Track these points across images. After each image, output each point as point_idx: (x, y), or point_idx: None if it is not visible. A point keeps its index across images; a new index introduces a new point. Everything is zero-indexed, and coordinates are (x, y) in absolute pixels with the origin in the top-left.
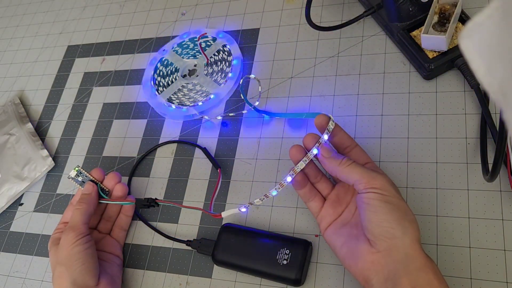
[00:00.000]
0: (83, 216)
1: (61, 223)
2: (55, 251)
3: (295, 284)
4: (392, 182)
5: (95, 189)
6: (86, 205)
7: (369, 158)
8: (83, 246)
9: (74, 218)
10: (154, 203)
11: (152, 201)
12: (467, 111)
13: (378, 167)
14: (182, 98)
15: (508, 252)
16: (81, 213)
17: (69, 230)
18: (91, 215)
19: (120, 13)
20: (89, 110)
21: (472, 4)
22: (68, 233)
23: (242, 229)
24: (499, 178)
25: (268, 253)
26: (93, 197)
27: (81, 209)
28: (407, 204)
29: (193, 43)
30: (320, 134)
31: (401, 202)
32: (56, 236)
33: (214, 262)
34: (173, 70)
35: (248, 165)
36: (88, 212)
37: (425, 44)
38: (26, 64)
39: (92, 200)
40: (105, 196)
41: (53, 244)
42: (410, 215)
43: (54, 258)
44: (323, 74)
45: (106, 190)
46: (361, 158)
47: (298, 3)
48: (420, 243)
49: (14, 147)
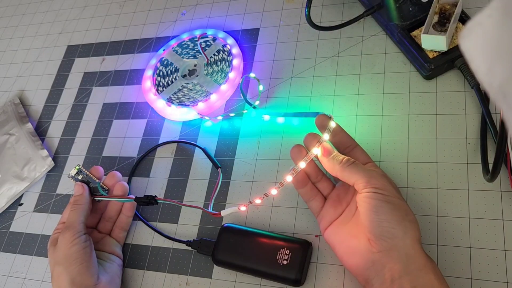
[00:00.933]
0: (79, 215)
1: (60, 223)
2: (53, 251)
3: (295, 284)
4: (392, 182)
5: (86, 189)
6: (80, 205)
7: (370, 158)
8: (80, 245)
9: (70, 218)
10: (153, 201)
11: (152, 198)
12: (467, 111)
13: (378, 167)
14: (182, 98)
15: (508, 252)
16: (76, 213)
17: (66, 229)
18: (87, 214)
19: (120, 13)
20: (89, 110)
21: (472, 4)
22: (65, 232)
23: (242, 229)
24: (499, 178)
25: (268, 253)
26: (85, 196)
27: (76, 209)
28: (407, 204)
29: (193, 43)
30: (320, 134)
31: (401, 202)
32: (55, 236)
33: (214, 262)
34: (173, 70)
35: (248, 165)
36: (83, 211)
37: (425, 44)
38: (26, 64)
39: (85, 199)
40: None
41: (52, 244)
42: (411, 215)
43: (52, 258)
44: (323, 74)
45: (106, 189)
46: (362, 158)
47: (298, 3)
48: (421, 243)
49: (14, 147)
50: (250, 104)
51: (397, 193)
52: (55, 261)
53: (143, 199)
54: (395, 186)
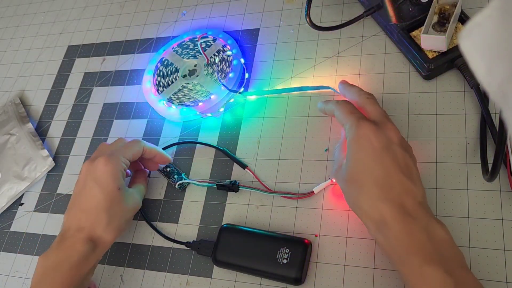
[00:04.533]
0: (129, 151)
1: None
2: (90, 164)
3: (295, 283)
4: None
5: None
6: (132, 147)
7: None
8: (122, 173)
9: (121, 150)
10: (235, 187)
11: (234, 183)
12: (467, 111)
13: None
14: (182, 98)
15: (508, 252)
16: (128, 149)
17: (113, 154)
18: (134, 158)
19: (120, 13)
20: (89, 110)
21: (472, 4)
22: (112, 155)
23: (241, 229)
24: (499, 178)
25: (268, 252)
26: (141, 145)
27: (129, 146)
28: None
29: (193, 43)
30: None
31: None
32: (96, 155)
33: (215, 263)
34: (173, 70)
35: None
36: (135, 154)
37: (425, 44)
38: (27, 64)
39: (140, 145)
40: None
41: (90, 159)
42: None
43: (87, 170)
44: (323, 74)
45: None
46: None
47: (298, 3)
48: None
49: (15, 147)
50: (235, 91)
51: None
52: (93, 176)
53: (227, 185)
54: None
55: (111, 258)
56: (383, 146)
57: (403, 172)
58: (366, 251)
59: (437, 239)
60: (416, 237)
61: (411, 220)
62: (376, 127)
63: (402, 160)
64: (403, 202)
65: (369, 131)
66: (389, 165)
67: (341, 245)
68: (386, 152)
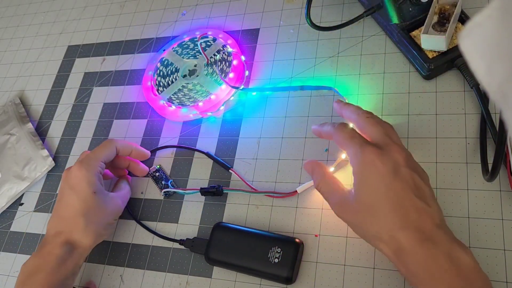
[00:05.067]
0: (102, 153)
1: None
2: (67, 174)
3: (286, 282)
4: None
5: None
6: (107, 148)
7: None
8: (98, 176)
9: (93, 152)
10: (219, 191)
11: (218, 187)
12: (467, 111)
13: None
14: (182, 98)
15: (508, 252)
16: (101, 150)
17: (86, 158)
18: (108, 158)
19: (120, 13)
20: (89, 110)
21: (472, 4)
22: (85, 159)
23: (234, 228)
24: (499, 178)
25: (259, 251)
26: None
27: (104, 147)
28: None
29: (193, 43)
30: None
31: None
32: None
33: (207, 261)
34: (173, 70)
35: (248, 165)
36: (108, 151)
37: (425, 44)
38: (27, 64)
39: (113, 144)
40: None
41: (66, 170)
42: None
43: (64, 181)
44: (323, 74)
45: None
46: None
47: (298, 3)
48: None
49: (15, 147)
50: (236, 87)
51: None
52: (69, 184)
53: (210, 190)
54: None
55: (111, 258)
56: (390, 171)
57: (415, 194)
58: (366, 251)
59: (461, 265)
60: (438, 264)
61: (431, 245)
62: (380, 151)
63: (412, 182)
64: (421, 226)
65: (374, 157)
66: (400, 190)
67: (341, 245)
68: (394, 177)
